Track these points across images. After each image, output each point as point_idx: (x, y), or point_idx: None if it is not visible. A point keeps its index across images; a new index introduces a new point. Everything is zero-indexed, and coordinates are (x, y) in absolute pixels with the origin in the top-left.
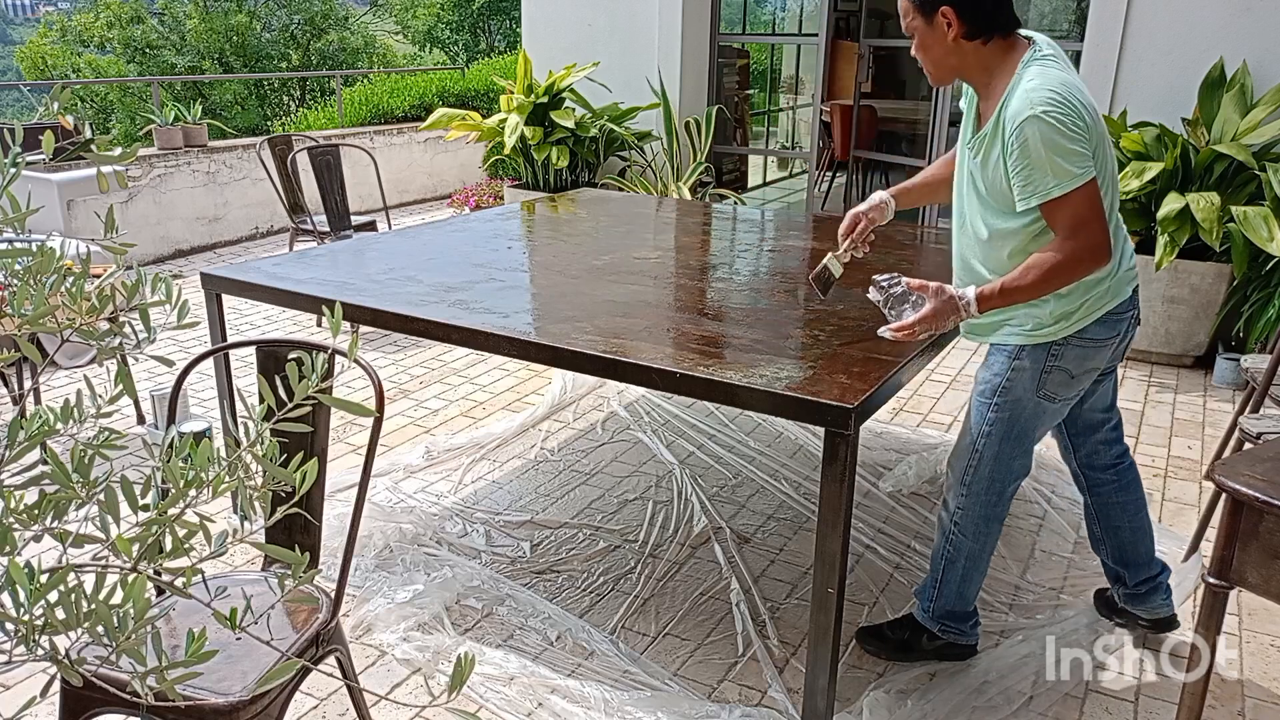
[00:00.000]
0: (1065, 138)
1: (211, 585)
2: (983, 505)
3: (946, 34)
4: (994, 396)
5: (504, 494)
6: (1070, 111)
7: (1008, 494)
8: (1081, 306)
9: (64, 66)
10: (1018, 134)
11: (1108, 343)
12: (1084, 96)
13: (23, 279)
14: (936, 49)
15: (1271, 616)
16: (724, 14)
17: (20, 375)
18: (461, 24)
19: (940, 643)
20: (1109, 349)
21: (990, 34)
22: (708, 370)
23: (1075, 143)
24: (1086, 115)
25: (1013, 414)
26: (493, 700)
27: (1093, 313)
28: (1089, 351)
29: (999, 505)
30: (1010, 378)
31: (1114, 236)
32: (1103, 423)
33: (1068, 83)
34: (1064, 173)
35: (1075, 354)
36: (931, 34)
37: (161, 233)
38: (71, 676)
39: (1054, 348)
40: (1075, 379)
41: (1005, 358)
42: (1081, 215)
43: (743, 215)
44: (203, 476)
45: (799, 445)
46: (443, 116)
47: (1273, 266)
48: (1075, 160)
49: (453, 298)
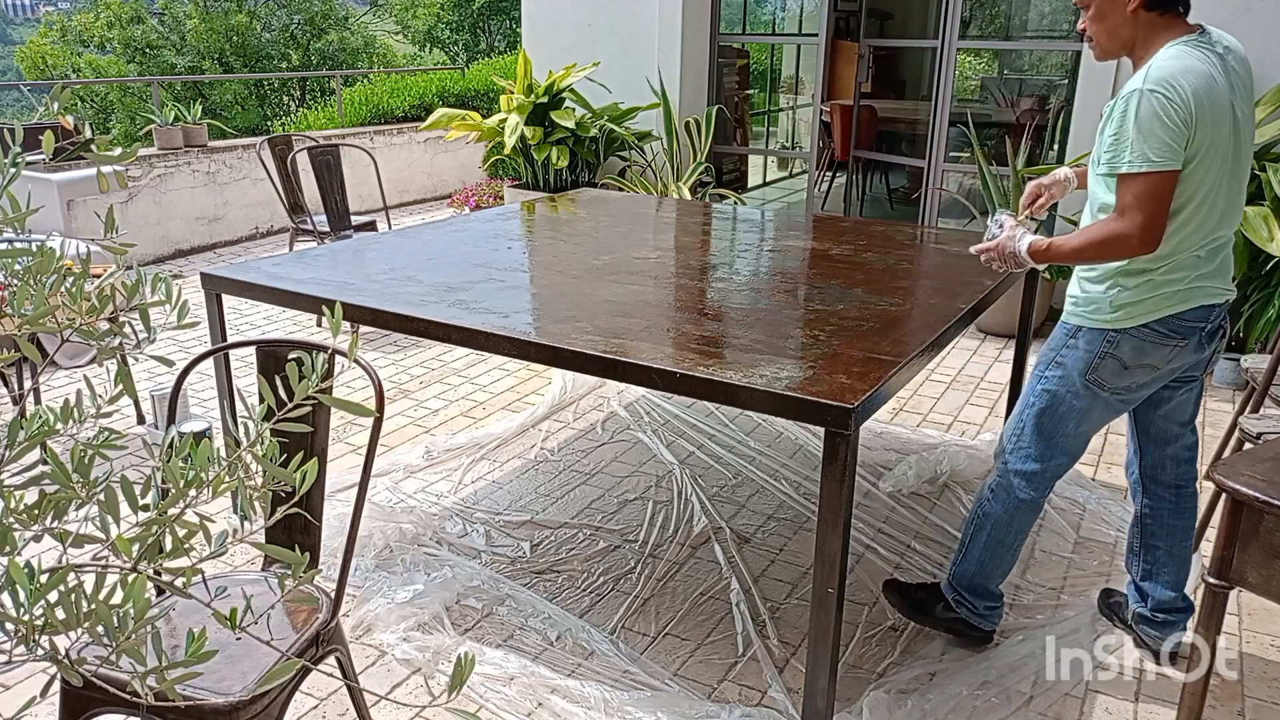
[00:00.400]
0: (1159, 122)
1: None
2: (1017, 478)
3: (1127, 4)
4: (1046, 369)
5: (504, 494)
6: (1177, 100)
7: (1045, 473)
8: (1144, 302)
9: (64, 66)
10: (1124, 102)
11: (1170, 344)
12: (1207, 93)
13: (23, 279)
14: (1114, 18)
15: (1271, 616)
16: (724, 14)
17: (20, 375)
18: (461, 24)
19: (953, 616)
20: (1171, 350)
21: (1169, 7)
22: (708, 370)
23: (1166, 131)
24: (1195, 111)
25: (1059, 389)
26: (493, 700)
27: (1155, 311)
28: (1146, 347)
29: (1033, 482)
30: (1063, 353)
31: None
32: (1177, 437)
33: (1195, 72)
34: (1142, 153)
35: (1131, 345)
36: (1111, 3)
37: (161, 233)
38: (71, 676)
39: (1110, 335)
40: (1129, 371)
41: (1064, 334)
42: (1140, 199)
43: (743, 215)
44: (203, 476)
45: (799, 445)
46: (443, 116)
47: (1273, 266)
48: (1159, 147)
49: (453, 298)
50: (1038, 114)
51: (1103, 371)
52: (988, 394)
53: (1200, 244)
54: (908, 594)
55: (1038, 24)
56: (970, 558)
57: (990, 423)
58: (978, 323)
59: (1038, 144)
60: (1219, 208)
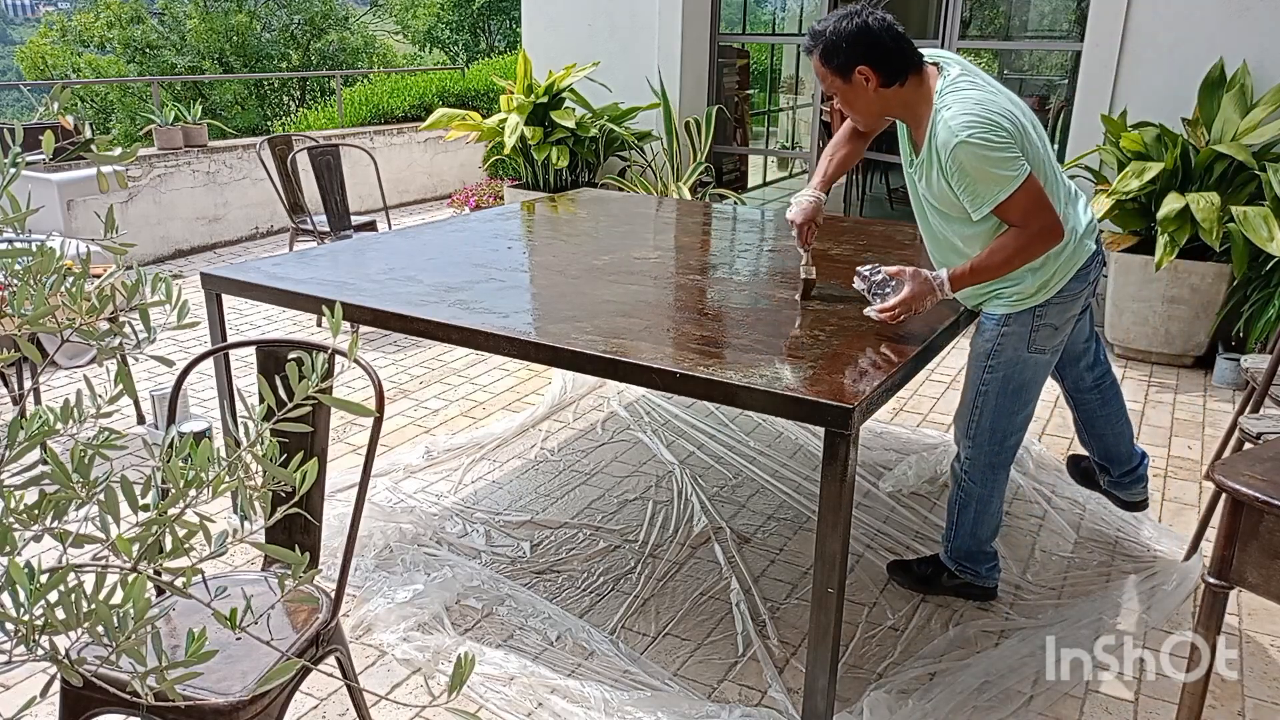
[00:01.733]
0: (992, 151)
1: (211, 585)
2: (986, 454)
3: (867, 88)
4: (987, 360)
5: (504, 494)
6: (990, 127)
7: (1010, 443)
8: (1055, 273)
9: (64, 66)
10: (951, 160)
11: (1080, 293)
12: (999, 105)
13: (23, 279)
14: (860, 101)
15: (1271, 616)
16: (724, 14)
17: (20, 375)
18: (461, 24)
19: (959, 582)
20: (1082, 299)
21: (905, 76)
22: (708, 370)
23: (1001, 151)
24: (1005, 122)
25: (1007, 373)
26: (493, 700)
27: (1067, 274)
28: (1068, 305)
29: (1002, 453)
30: (999, 343)
31: (1063, 205)
32: (1084, 352)
33: (981, 100)
34: (1001, 180)
35: (1057, 310)
36: (853, 90)
37: (161, 233)
38: (71, 676)
39: (1038, 310)
40: (1059, 329)
41: (994, 325)
42: (1027, 207)
43: (743, 215)
44: (203, 476)
45: (799, 445)
46: (443, 116)
47: (1273, 266)
48: (1007, 166)
49: (453, 298)
50: (1037, 114)
51: (1039, 340)
52: None
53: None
54: (911, 571)
55: (1038, 24)
56: (961, 533)
57: None
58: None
59: None
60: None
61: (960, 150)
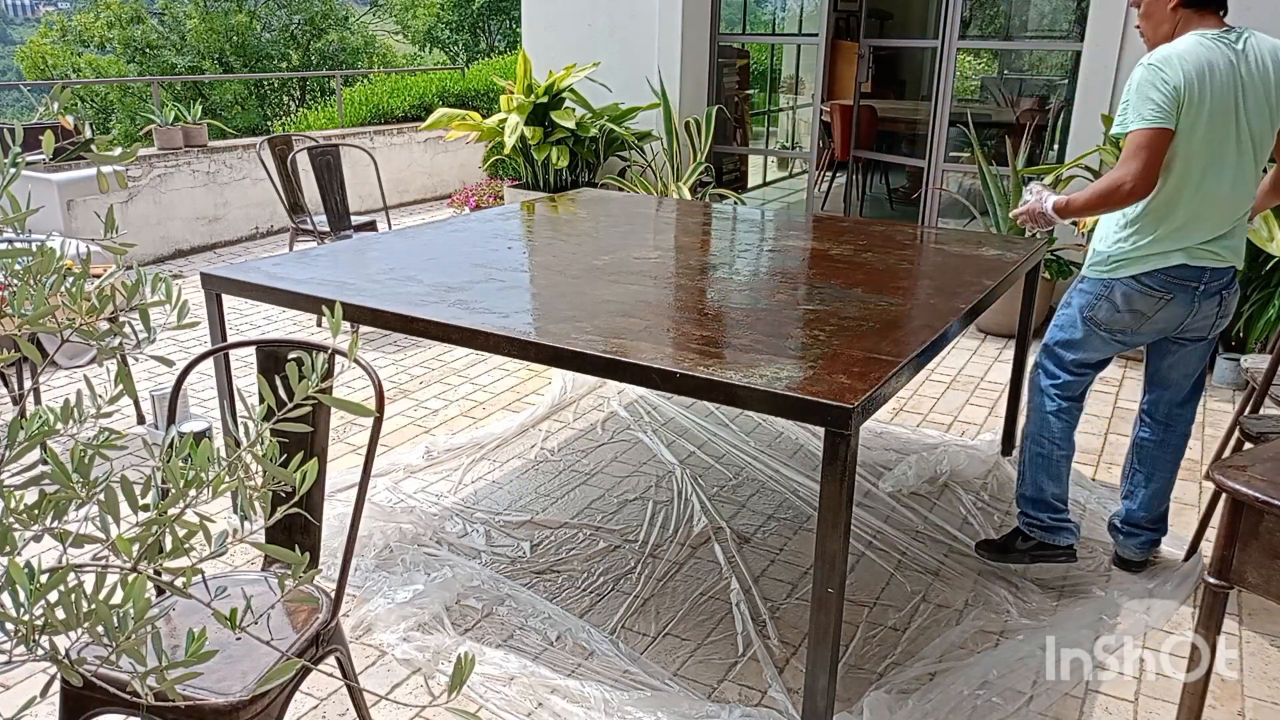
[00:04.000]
0: (1151, 88)
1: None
2: (1040, 395)
3: (1168, 2)
4: (1061, 308)
5: (504, 494)
6: (1168, 70)
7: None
8: (1130, 258)
9: (64, 66)
10: (1132, 75)
11: (1155, 295)
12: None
13: (23, 279)
14: (1158, 14)
15: (1271, 616)
16: (724, 14)
17: (20, 375)
18: (461, 24)
19: (1032, 543)
20: (1158, 301)
21: (1204, 5)
22: (708, 370)
23: (1157, 94)
24: (1183, 81)
25: (1067, 318)
26: (493, 700)
27: (1140, 266)
28: (1134, 296)
29: (1052, 399)
30: (1072, 295)
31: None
32: (1177, 386)
33: (1194, 55)
34: (1138, 113)
35: (1122, 292)
36: (1156, 2)
37: (161, 233)
38: (71, 676)
39: (1106, 282)
40: (1120, 315)
41: (1076, 282)
42: (1134, 150)
43: (743, 215)
44: (203, 476)
45: (799, 445)
46: (443, 116)
47: (1273, 266)
48: (1151, 108)
49: (453, 298)
50: (1038, 114)
51: (1098, 312)
52: (987, 394)
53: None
54: (992, 544)
55: (1038, 24)
56: (1026, 477)
57: (990, 422)
58: (978, 323)
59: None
60: (1194, 180)
61: (1137, 70)
